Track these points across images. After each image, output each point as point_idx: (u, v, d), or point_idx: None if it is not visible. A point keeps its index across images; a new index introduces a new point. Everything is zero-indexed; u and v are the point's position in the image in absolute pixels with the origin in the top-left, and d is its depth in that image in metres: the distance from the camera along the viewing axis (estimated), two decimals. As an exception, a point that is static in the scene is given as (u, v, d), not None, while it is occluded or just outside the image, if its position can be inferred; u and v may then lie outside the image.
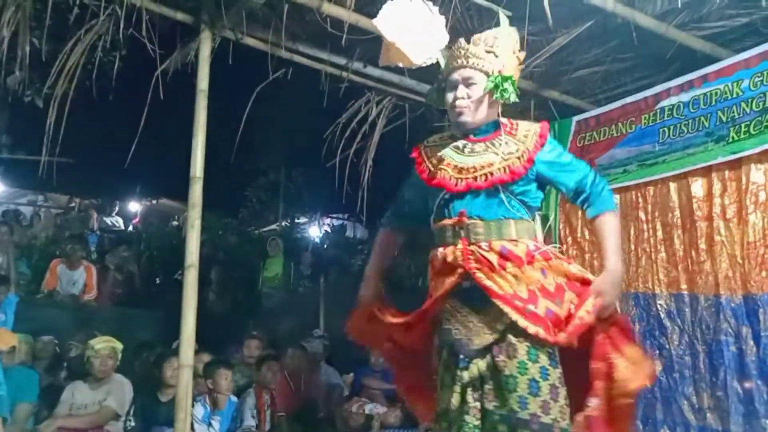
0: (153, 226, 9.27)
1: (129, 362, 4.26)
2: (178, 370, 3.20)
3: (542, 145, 2.00)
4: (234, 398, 3.93)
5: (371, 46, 3.55)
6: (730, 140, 3.24)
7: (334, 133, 4.52)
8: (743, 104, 3.20)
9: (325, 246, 10.19)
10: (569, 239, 4.20)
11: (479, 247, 1.93)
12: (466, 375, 1.90)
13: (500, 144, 2.00)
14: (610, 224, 2.01)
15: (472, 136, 2.05)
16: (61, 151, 3.40)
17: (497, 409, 1.84)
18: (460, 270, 1.94)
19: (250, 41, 3.55)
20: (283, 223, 10.50)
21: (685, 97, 3.51)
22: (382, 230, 2.37)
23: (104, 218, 9.74)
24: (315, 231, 12.16)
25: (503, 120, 2.08)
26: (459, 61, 2.03)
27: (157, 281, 7.42)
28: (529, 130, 2.04)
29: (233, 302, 6.71)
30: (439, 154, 2.08)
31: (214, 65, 3.40)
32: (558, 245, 4.19)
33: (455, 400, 1.92)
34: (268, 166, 10.15)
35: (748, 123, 3.17)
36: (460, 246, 1.95)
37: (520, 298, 1.88)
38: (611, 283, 1.93)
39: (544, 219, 2.15)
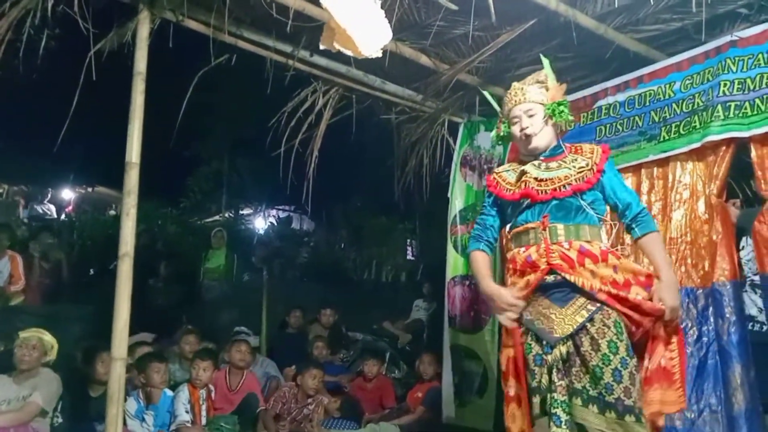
0: (87, 214, 8.86)
1: (59, 357, 4.05)
2: (109, 364, 3.08)
3: (606, 160, 2.36)
4: (169, 392, 3.82)
5: (318, 34, 3.49)
6: (661, 139, 3.39)
7: (279, 123, 4.45)
8: (674, 105, 3.35)
9: (270, 238, 10.05)
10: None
11: (560, 245, 2.24)
12: (549, 358, 2.19)
13: (571, 161, 2.35)
14: (657, 241, 2.36)
15: (542, 157, 2.38)
16: (-16, 134, 3.19)
17: (589, 390, 2.14)
18: (543, 266, 2.22)
19: (192, 24, 3.42)
20: (226, 214, 10.28)
21: (621, 96, 3.65)
22: (472, 251, 2.57)
23: (35, 206, 9.26)
24: (260, 222, 11.98)
25: (566, 144, 2.43)
26: (517, 98, 2.41)
27: (91, 272, 7.11)
28: (593, 148, 2.40)
29: (172, 294, 6.51)
30: (519, 170, 2.40)
31: (153, 48, 3.26)
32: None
33: (544, 380, 2.19)
34: (211, 154, 9.90)
35: (678, 123, 3.32)
36: (543, 245, 2.25)
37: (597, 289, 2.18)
38: (668, 290, 2.21)
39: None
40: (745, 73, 3.04)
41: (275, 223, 10.94)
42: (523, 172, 2.37)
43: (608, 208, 2.44)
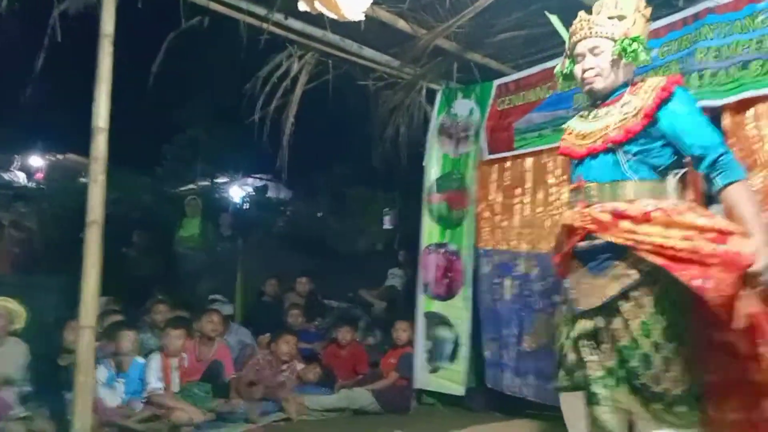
0: (57, 182, 8.65)
1: (28, 326, 3.99)
2: (78, 332, 3.04)
3: (663, 99, 1.93)
4: (141, 360, 3.80)
5: (291, -5, 3.40)
6: (637, 107, 3.37)
7: (254, 89, 4.36)
8: (651, 72, 3.32)
9: (246, 206, 9.94)
10: (483, 202, 4.29)
11: (593, 207, 1.99)
12: (575, 332, 2.00)
13: (622, 105, 2.01)
14: (741, 192, 1.88)
15: (600, 102, 2.10)
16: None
17: (618, 370, 1.92)
18: (579, 231, 2.01)
19: (160, -18, 3.30)
20: (201, 183, 10.13)
21: (599, 63, 3.62)
22: None
23: (2, 173, 9.03)
24: (237, 191, 11.84)
25: (636, 79, 2.08)
26: (582, 33, 2.06)
27: (62, 241, 6.96)
28: (653, 85, 1.99)
29: (145, 263, 6.43)
30: (564, 126, 2.22)
31: (121, 10, 3.14)
32: (474, 206, 4.30)
33: (572, 354, 2.01)
34: (185, 121, 9.66)
35: (653, 91, 3.31)
36: (578, 209, 2.03)
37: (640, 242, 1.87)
38: (760, 250, 1.77)
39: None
40: (722, 41, 3.02)
41: (251, 192, 10.83)
42: (565, 129, 2.20)
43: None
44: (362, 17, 2.63)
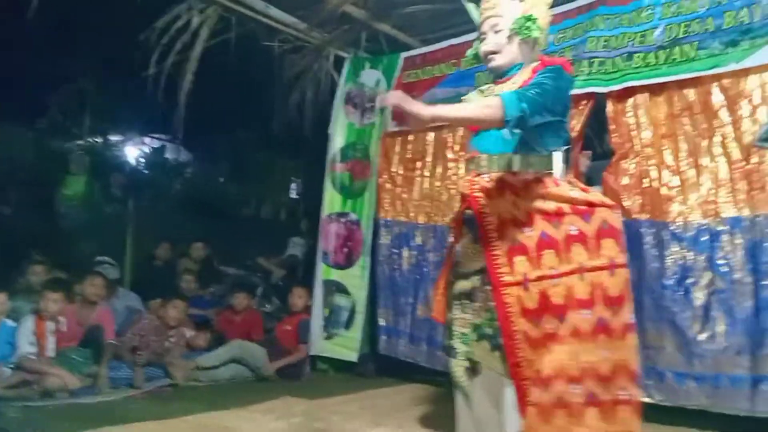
0: None
1: None
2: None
3: (536, 73, 2.01)
4: (10, 323, 3.52)
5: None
6: (533, 90, 3.53)
7: (149, 40, 4.10)
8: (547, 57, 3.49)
9: (141, 167, 9.39)
10: (384, 174, 4.34)
11: (482, 177, 2.08)
12: (454, 290, 2.15)
13: (513, 83, 2.07)
14: (474, 102, 2.06)
15: (498, 79, 2.17)
16: None
17: (484, 327, 2.05)
18: (468, 199, 2.09)
19: None
20: (90, 139, 9.40)
21: (499, 45, 3.73)
22: None
23: None
24: (131, 150, 11.14)
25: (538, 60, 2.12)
26: (487, 12, 2.17)
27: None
28: (538, 66, 2.06)
29: (22, 221, 5.92)
30: (464, 98, 2.24)
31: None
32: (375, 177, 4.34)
33: (450, 311, 2.17)
34: (72, 71, 8.84)
35: (548, 75, 3.47)
36: (468, 177, 2.12)
37: (512, 234, 1.99)
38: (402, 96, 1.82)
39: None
40: (611, 32, 3.23)
41: (147, 152, 10.23)
42: (461, 100, 2.26)
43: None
44: None
